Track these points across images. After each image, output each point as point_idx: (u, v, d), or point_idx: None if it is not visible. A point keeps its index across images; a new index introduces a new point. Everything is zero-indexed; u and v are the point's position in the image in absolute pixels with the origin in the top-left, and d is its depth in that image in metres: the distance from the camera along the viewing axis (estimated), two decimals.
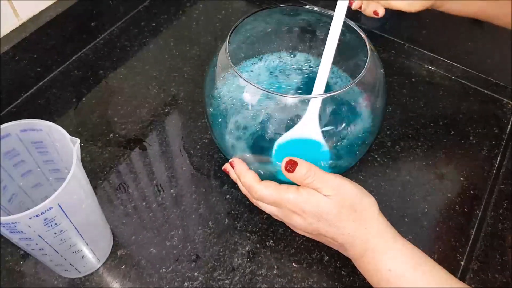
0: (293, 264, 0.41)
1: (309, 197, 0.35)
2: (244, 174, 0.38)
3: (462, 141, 0.51)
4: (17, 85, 0.52)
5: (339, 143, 0.38)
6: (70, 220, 0.31)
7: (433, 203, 0.46)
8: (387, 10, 0.64)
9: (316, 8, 0.42)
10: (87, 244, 0.36)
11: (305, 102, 0.36)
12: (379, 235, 0.35)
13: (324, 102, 0.36)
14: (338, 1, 0.36)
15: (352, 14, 0.63)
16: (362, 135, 0.39)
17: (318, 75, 0.37)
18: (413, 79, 0.58)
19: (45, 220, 0.29)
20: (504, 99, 0.56)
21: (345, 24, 0.41)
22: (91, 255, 0.38)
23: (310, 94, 0.38)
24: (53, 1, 0.54)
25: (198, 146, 0.50)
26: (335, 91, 0.35)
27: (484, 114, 0.54)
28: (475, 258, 0.42)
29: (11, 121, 0.33)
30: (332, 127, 0.38)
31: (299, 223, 0.36)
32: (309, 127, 0.37)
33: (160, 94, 0.55)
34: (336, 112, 0.38)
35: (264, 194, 0.36)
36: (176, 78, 0.56)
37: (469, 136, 0.52)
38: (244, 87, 0.37)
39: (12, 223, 0.27)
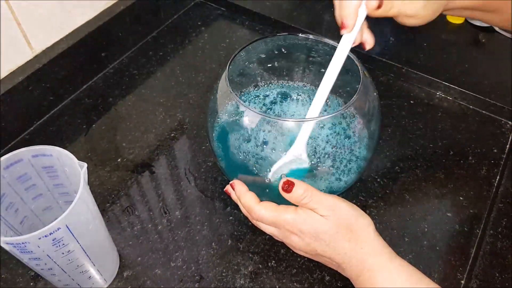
0: (295, 284, 0.42)
1: (306, 218, 0.36)
2: (244, 196, 0.39)
3: (461, 161, 0.52)
4: (30, 113, 0.55)
5: (335, 165, 0.40)
6: (77, 241, 0.33)
7: (432, 223, 0.46)
8: (387, 36, 0.66)
9: (311, 36, 0.44)
10: (94, 264, 0.37)
11: (301, 125, 0.38)
12: (375, 254, 0.36)
13: (318, 126, 0.37)
14: (343, 36, 0.37)
15: None
16: (357, 157, 0.40)
17: (314, 99, 0.39)
18: (411, 101, 0.59)
19: (53, 240, 0.30)
20: (502, 119, 0.56)
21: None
22: (98, 276, 0.39)
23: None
24: (65, 34, 0.58)
25: (202, 169, 0.51)
26: (327, 115, 0.37)
27: (483, 134, 0.55)
28: (474, 276, 0.42)
29: (24, 147, 0.35)
30: (327, 150, 0.39)
31: (297, 243, 0.37)
32: (299, 149, 0.38)
33: (167, 120, 0.57)
34: (331, 135, 0.39)
35: (263, 215, 0.38)
36: (182, 104, 0.59)
37: (468, 156, 0.52)
38: (243, 112, 0.39)
39: (23, 243, 0.29)
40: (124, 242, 0.45)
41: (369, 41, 0.40)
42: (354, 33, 0.37)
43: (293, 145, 0.39)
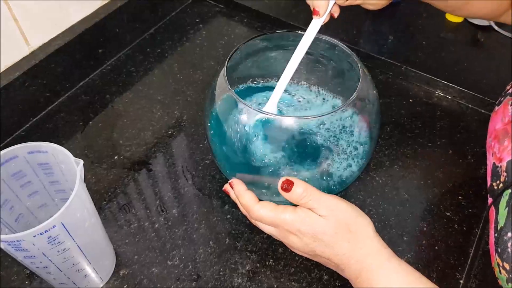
0: (293, 283, 0.42)
1: (305, 218, 0.36)
2: (243, 195, 0.39)
3: (460, 160, 0.52)
4: (26, 110, 0.55)
5: (334, 164, 0.39)
6: (73, 239, 0.32)
7: (431, 222, 0.46)
8: (386, 35, 0.66)
9: None
10: (90, 263, 0.37)
11: (301, 123, 0.38)
12: (373, 255, 0.35)
13: (318, 124, 0.37)
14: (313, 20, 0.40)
15: (351, 37, 0.66)
16: (356, 155, 0.40)
17: (280, 80, 0.41)
18: (410, 100, 0.59)
19: (48, 238, 0.30)
20: None
21: (340, 49, 0.43)
22: (94, 274, 0.39)
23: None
24: (62, 30, 0.57)
25: (200, 167, 0.51)
26: (327, 113, 0.36)
27: (481, 133, 0.54)
28: (473, 276, 0.42)
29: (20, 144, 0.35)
30: (326, 148, 0.39)
31: (296, 243, 0.37)
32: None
33: (164, 117, 0.56)
34: (330, 133, 0.39)
35: (262, 215, 0.37)
36: (180, 102, 0.58)
37: (467, 155, 0.52)
38: (242, 109, 0.39)
39: (17, 240, 0.29)
40: (121, 240, 0.44)
41: (335, 10, 0.43)
42: (323, 18, 0.41)
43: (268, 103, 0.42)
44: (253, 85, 0.49)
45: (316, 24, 0.41)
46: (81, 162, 0.33)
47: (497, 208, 0.39)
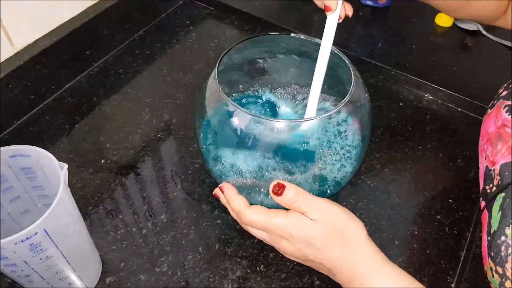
0: None
1: (297, 222, 0.35)
2: (233, 199, 0.38)
3: (450, 164, 0.52)
4: (9, 113, 0.53)
5: (326, 167, 0.39)
6: (56, 246, 0.31)
7: (422, 226, 0.46)
8: (376, 39, 0.67)
9: (302, 36, 0.43)
10: (74, 270, 0.35)
11: (292, 127, 0.37)
12: (366, 260, 0.35)
13: (310, 127, 0.37)
14: (327, 16, 0.38)
15: (341, 41, 0.66)
16: (348, 159, 0.40)
17: (310, 95, 0.39)
18: (401, 103, 0.59)
19: (30, 245, 0.29)
20: None
21: (331, 52, 0.42)
22: (79, 282, 0.37)
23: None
24: (49, 30, 0.56)
25: (189, 171, 0.50)
26: (318, 116, 0.36)
27: (471, 136, 0.55)
28: (465, 280, 0.42)
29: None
30: (318, 152, 0.38)
31: (288, 248, 0.36)
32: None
33: (153, 120, 0.55)
34: (322, 136, 0.38)
35: (253, 219, 0.36)
36: (169, 105, 0.57)
37: (457, 158, 0.52)
38: (233, 112, 0.38)
39: None
40: (107, 246, 0.43)
41: (348, 9, 0.40)
42: (338, 12, 0.38)
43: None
44: (246, 94, 0.49)
45: (331, 21, 0.38)
46: (65, 166, 0.32)
47: (490, 212, 0.39)
